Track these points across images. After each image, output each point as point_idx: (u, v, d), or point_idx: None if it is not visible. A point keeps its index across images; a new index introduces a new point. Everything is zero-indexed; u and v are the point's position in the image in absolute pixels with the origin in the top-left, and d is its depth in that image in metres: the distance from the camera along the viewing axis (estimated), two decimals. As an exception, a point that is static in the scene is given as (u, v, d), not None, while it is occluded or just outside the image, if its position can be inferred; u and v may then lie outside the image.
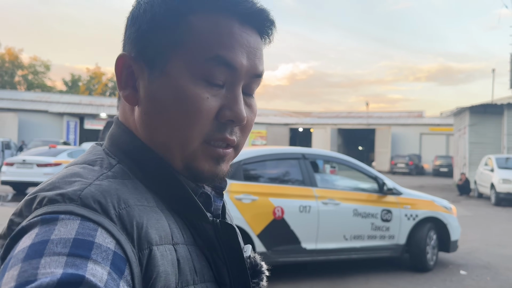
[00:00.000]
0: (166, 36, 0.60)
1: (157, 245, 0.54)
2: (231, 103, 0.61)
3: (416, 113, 41.91)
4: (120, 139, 0.65)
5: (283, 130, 38.94)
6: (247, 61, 0.62)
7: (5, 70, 51.50)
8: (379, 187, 5.85)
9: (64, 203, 0.51)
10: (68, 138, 30.42)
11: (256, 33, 0.64)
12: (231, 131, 0.62)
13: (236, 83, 0.62)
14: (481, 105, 19.61)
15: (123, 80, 0.64)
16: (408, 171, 31.31)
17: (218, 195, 0.71)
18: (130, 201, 0.55)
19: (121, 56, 0.64)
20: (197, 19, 0.60)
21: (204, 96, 0.59)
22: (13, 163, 12.46)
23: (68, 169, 0.59)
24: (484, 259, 6.73)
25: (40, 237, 0.46)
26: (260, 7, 0.63)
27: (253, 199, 5.09)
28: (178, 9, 0.60)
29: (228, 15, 0.61)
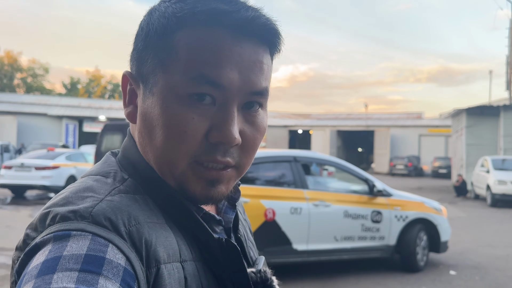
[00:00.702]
0: (155, 55, 0.60)
1: (165, 263, 0.54)
2: (220, 123, 0.58)
3: (415, 114, 41.97)
4: (130, 153, 0.65)
5: (283, 132, 39.02)
6: (239, 77, 0.58)
7: (4, 73, 51.60)
8: (369, 188, 5.94)
9: (76, 220, 0.52)
10: (67, 141, 30.50)
11: (256, 44, 0.60)
12: (225, 152, 0.59)
13: (228, 102, 0.58)
14: (478, 106, 19.69)
15: (127, 97, 0.65)
16: (407, 172, 31.36)
17: (231, 206, 0.70)
18: (140, 218, 0.55)
19: (124, 74, 0.65)
20: (182, 35, 0.58)
21: (189, 117, 0.57)
22: (12, 166, 12.55)
23: (82, 182, 0.60)
24: (474, 260, 6.81)
25: (53, 254, 0.48)
26: (253, 16, 0.59)
27: (245, 201, 5.18)
28: (166, 27, 0.59)
29: (217, 27, 0.58)
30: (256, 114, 0.62)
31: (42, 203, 12.11)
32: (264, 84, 0.61)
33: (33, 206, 11.49)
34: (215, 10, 0.58)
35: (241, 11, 0.58)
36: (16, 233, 7.61)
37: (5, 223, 8.74)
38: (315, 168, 9.40)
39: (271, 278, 0.70)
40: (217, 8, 0.58)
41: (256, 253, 0.78)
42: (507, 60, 22.40)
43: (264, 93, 0.61)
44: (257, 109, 0.62)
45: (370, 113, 42.90)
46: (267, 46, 0.62)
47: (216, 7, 0.58)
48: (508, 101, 21.82)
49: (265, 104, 0.63)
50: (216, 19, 0.58)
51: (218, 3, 0.59)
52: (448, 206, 13.36)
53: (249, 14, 0.58)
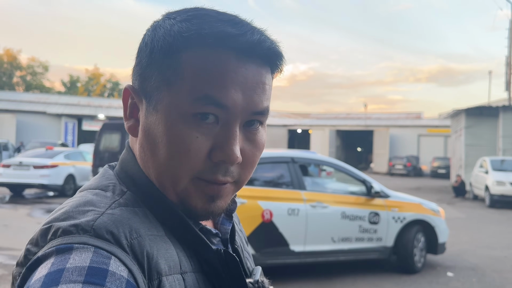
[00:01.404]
0: (160, 72, 0.60)
1: (166, 276, 0.55)
2: (223, 142, 0.59)
3: (414, 114, 42.01)
4: (128, 166, 0.65)
5: (282, 132, 39.03)
6: (242, 98, 0.59)
7: (3, 71, 51.58)
8: (367, 190, 5.94)
9: (78, 234, 0.52)
10: (66, 139, 30.48)
11: (259, 65, 0.61)
12: (226, 171, 0.60)
13: (231, 122, 0.59)
14: (477, 107, 19.70)
15: (128, 111, 0.65)
16: (406, 172, 31.38)
17: (228, 217, 0.71)
18: (141, 231, 0.56)
19: (126, 88, 0.65)
20: (189, 56, 0.59)
21: (193, 135, 0.58)
22: (10, 165, 12.54)
23: (81, 196, 0.60)
24: (472, 261, 6.81)
25: (56, 266, 0.48)
26: (259, 40, 0.60)
27: (242, 202, 5.17)
28: (172, 46, 0.59)
29: (224, 50, 0.59)
30: (256, 132, 0.63)
31: (40, 201, 12.11)
32: (266, 104, 0.62)
33: (31, 204, 11.47)
34: (222, 33, 0.58)
35: (247, 34, 0.59)
36: (13, 232, 7.61)
37: (2, 222, 8.73)
38: (314, 169, 9.40)
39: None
40: (224, 31, 0.59)
41: (253, 263, 0.79)
42: (507, 61, 22.41)
43: (265, 113, 0.63)
44: (257, 127, 0.63)
45: (369, 112, 42.94)
46: (270, 67, 0.63)
47: (223, 30, 0.59)
48: (507, 102, 21.83)
49: (265, 122, 0.65)
50: (223, 42, 0.58)
51: (225, 25, 0.59)
52: (446, 206, 13.36)
53: (255, 38, 0.60)
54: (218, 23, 0.59)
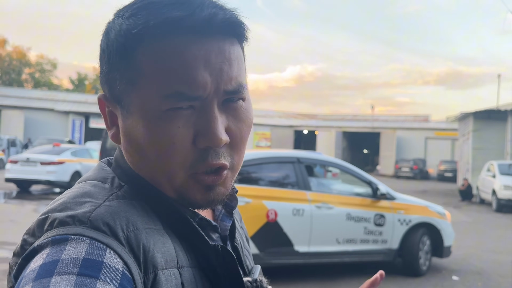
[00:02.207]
0: (121, 75, 0.59)
1: (162, 270, 0.54)
2: (204, 128, 0.57)
3: (422, 117, 41.78)
4: (122, 163, 0.65)
5: (288, 132, 39.00)
6: (211, 81, 0.56)
7: (13, 68, 52.02)
8: (372, 191, 5.91)
9: (74, 225, 0.52)
10: (73, 136, 30.68)
11: (220, 40, 0.58)
12: (216, 154, 0.58)
13: (207, 106, 0.57)
14: (485, 110, 19.56)
15: (108, 120, 0.64)
16: (413, 175, 31.22)
17: (228, 214, 0.70)
18: (138, 224, 0.55)
19: (99, 98, 0.64)
20: (144, 52, 0.57)
21: (174, 127, 0.57)
22: (17, 161, 12.63)
23: (79, 187, 0.60)
24: (477, 265, 6.76)
25: (51, 257, 0.48)
26: (209, 14, 0.56)
27: (247, 202, 5.17)
28: (125, 46, 0.57)
29: (176, 36, 0.56)
30: (237, 107, 0.60)
31: (46, 198, 12.19)
32: (239, 79, 0.59)
33: (38, 200, 11.55)
34: (168, 19, 0.55)
35: (196, 12, 0.56)
36: (20, 228, 7.66)
37: (9, 217, 8.80)
38: (319, 170, 9.38)
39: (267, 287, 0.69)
40: (170, 17, 0.55)
41: (252, 262, 0.77)
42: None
43: (240, 90, 0.59)
44: (237, 102, 0.60)
45: (376, 114, 42.77)
46: (233, 38, 0.59)
47: (169, 16, 0.55)
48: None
49: (246, 96, 0.61)
50: (172, 28, 0.55)
51: (170, 10, 0.56)
52: (452, 210, 13.28)
53: (205, 14, 0.56)
54: (163, 10, 0.56)
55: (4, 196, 12.23)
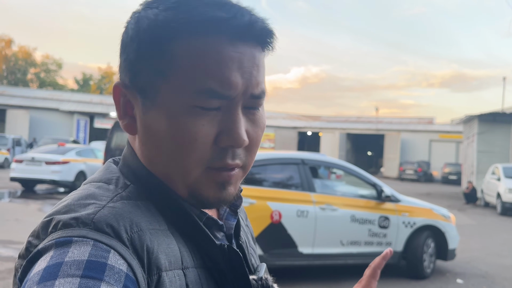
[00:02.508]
0: (153, 66, 0.58)
1: (166, 271, 0.54)
2: (229, 127, 0.58)
3: (426, 119, 41.67)
4: (130, 162, 0.64)
5: (292, 134, 38.98)
6: (242, 83, 0.58)
7: (18, 68, 52.33)
8: (377, 194, 5.90)
9: (78, 227, 0.52)
10: (78, 136, 30.80)
11: (253, 46, 0.60)
12: (234, 155, 0.60)
13: (233, 107, 0.59)
14: (490, 113, 19.48)
15: (121, 109, 0.63)
16: (417, 178, 31.12)
17: (232, 213, 0.70)
18: (143, 225, 0.55)
19: (116, 86, 0.62)
20: (181, 46, 0.57)
21: (199, 124, 0.57)
22: (22, 160, 12.68)
23: (84, 189, 0.60)
24: (482, 269, 6.73)
25: (55, 260, 0.48)
26: (250, 21, 0.58)
27: (251, 203, 5.18)
28: (161, 37, 0.57)
29: (216, 36, 0.57)
30: (256, 112, 0.63)
31: (51, 197, 12.23)
32: (262, 85, 0.62)
33: (43, 200, 11.60)
34: (213, 18, 0.57)
35: (237, 16, 0.57)
36: (24, 227, 7.69)
37: (14, 216, 8.84)
38: (324, 171, 9.36)
39: (273, 286, 0.69)
40: (214, 16, 0.57)
41: (258, 260, 0.77)
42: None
43: (263, 96, 0.62)
44: (257, 108, 0.63)
45: (381, 116, 42.69)
46: (262, 47, 0.62)
47: (213, 15, 0.57)
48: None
49: (263, 103, 0.64)
50: (215, 28, 0.57)
51: (213, 10, 0.57)
52: (457, 213, 13.23)
53: (246, 20, 0.58)
54: (206, 8, 0.57)
55: (9, 195, 12.28)
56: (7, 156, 21.34)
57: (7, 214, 9.00)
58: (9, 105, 30.77)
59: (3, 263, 5.54)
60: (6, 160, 21.06)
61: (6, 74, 51.56)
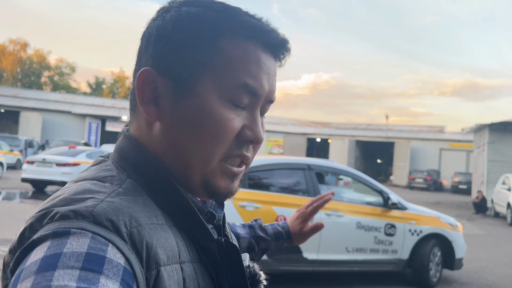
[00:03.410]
0: (196, 57, 0.62)
1: (165, 266, 0.55)
2: (252, 124, 0.65)
3: (437, 128, 41.33)
4: (130, 154, 0.65)
5: (301, 140, 38.92)
6: (268, 88, 0.66)
7: (33, 71, 53.08)
8: (384, 201, 5.89)
9: (76, 219, 0.51)
10: (89, 139, 31.08)
11: (274, 60, 0.68)
12: (247, 148, 0.66)
13: (256, 106, 0.66)
14: (501, 122, 19.27)
15: (146, 95, 0.63)
16: (426, 186, 30.83)
17: (219, 205, 0.73)
18: (141, 220, 0.56)
19: (145, 71, 0.63)
20: (227, 44, 0.63)
21: (231, 117, 0.63)
22: (34, 161, 12.84)
23: (79, 185, 0.59)
24: (489, 279, 6.66)
25: (53, 250, 0.47)
26: (283, 38, 0.67)
27: (257, 207, 5.20)
28: (209, 32, 0.63)
29: (255, 42, 0.64)
30: (263, 118, 0.70)
31: (61, 199, 12.35)
32: (275, 94, 0.70)
33: (52, 201, 11.72)
34: (258, 27, 0.65)
35: (274, 31, 0.66)
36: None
37: (24, 216, 8.95)
38: (331, 178, 9.34)
39: (259, 273, 0.73)
40: (259, 25, 0.65)
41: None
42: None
43: (273, 102, 0.70)
44: (264, 113, 0.70)
45: (391, 124, 42.45)
46: (280, 61, 0.70)
47: (258, 24, 0.65)
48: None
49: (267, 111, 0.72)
50: (258, 35, 0.64)
51: (256, 20, 0.66)
52: (466, 222, 13.09)
53: (281, 39, 0.67)
54: (249, 18, 0.65)
55: (20, 196, 12.45)
56: (19, 157, 21.62)
57: (17, 214, 9.12)
58: (23, 107, 31.20)
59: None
60: (18, 161, 21.33)
61: (21, 76, 52.33)
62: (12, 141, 22.70)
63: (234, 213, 5.06)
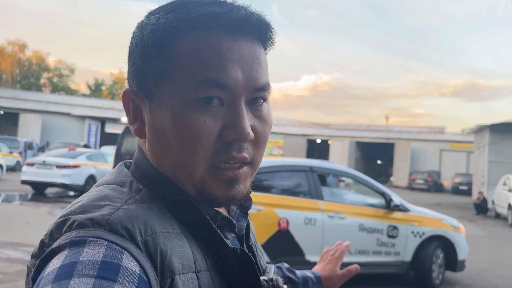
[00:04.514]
0: (156, 67, 0.60)
1: (179, 274, 0.55)
2: (233, 121, 0.59)
3: (437, 129, 41.35)
4: (142, 165, 0.65)
5: (301, 141, 38.92)
6: (242, 76, 0.59)
7: (32, 73, 53.08)
8: (386, 203, 5.86)
9: (93, 228, 0.52)
10: (89, 140, 31.06)
11: (251, 40, 0.61)
12: (239, 148, 0.60)
13: (235, 100, 0.60)
14: (502, 123, 19.26)
15: (131, 115, 0.65)
16: (427, 187, 30.83)
17: (243, 214, 0.71)
18: (156, 228, 0.56)
19: (125, 92, 0.64)
20: (181, 43, 0.59)
21: (201, 120, 0.58)
22: (34, 164, 12.82)
23: (98, 191, 0.60)
24: (492, 281, 6.63)
25: (69, 259, 0.48)
26: (245, 13, 0.60)
27: (259, 209, 5.18)
28: (162, 38, 0.60)
29: (214, 30, 0.59)
30: (261, 108, 0.64)
31: (61, 200, 12.33)
32: (265, 79, 0.62)
33: (53, 203, 11.70)
34: (209, 13, 0.59)
35: (234, 11, 0.60)
36: (34, 229, 7.77)
37: (24, 219, 8.92)
38: (332, 179, 9.32)
39: (283, 287, 0.70)
40: (211, 11, 0.59)
41: (265, 261, 0.79)
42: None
43: (266, 88, 0.63)
44: (261, 103, 0.64)
45: (391, 125, 42.45)
46: (261, 41, 0.63)
47: (210, 10, 0.59)
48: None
49: (268, 97, 0.65)
50: (212, 22, 0.59)
51: (210, 6, 0.60)
52: (467, 224, 13.07)
53: (242, 13, 0.60)
54: (202, 6, 0.60)
55: (19, 198, 12.41)
56: (19, 159, 21.58)
57: (17, 217, 9.09)
58: (22, 109, 31.18)
59: (12, 265, 5.59)
60: (18, 163, 21.29)
61: (20, 78, 52.32)
62: (11, 143, 22.68)
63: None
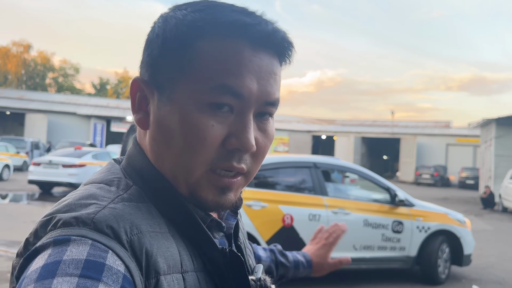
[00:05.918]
0: (174, 62, 0.60)
1: (165, 275, 0.54)
2: (239, 131, 0.59)
3: (443, 123, 41.09)
4: (135, 161, 0.65)
5: (306, 137, 38.86)
6: (257, 88, 0.60)
7: (37, 73, 53.37)
8: (391, 198, 5.84)
9: (78, 226, 0.51)
10: (95, 140, 31.21)
11: (272, 56, 0.62)
12: (240, 158, 0.60)
13: (245, 110, 0.60)
14: (508, 117, 19.10)
15: (136, 103, 0.64)
16: (433, 182, 30.70)
17: (233, 213, 0.71)
18: (143, 227, 0.55)
19: (134, 80, 0.64)
20: (204, 45, 0.59)
21: (209, 124, 0.58)
22: (40, 163, 12.91)
23: (85, 189, 0.60)
24: (499, 275, 6.60)
25: (53, 258, 0.47)
26: (273, 29, 0.61)
27: (263, 206, 5.18)
28: (186, 35, 0.59)
29: (239, 39, 0.59)
30: (267, 122, 0.64)
31: (67, 200, 12.41)
32: (277, 95, 0.63)
33: (59, 202, 11.78)
34: (238, 22, 0.59)
35: (262, 24, 0.60)
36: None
37: (31, 218, 8.99)
38: (337, 175, 9.30)
39: (271, 287, 0.70)
40: (240, 20, 0.59)
41: (254, 260, 0.79)
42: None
43: (276, 104, 0.63)
44: (268, 118, 0.64)
45: (397, 120, 42.26)
46: (279, 58, 0.64)
47: (239, 19, 0.59)
48: (541, 112, 21.09)
49: (274, 113, 0.65)
50: (239, 31, 0.59)
51: (239, 15, 0.60)
52: (474, 218, 13.01)
53: (269, 28, 0.60)
54: (232, 13, 0.60)
55: (27, 198, 12.51)
56: (26, 159, 21.73)
57: (24, 216, 9.16)
58: (28, 109, 31.37)
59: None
60: (24, 163, 21.44)
61: (25, 78, 52.63)
62: (18, 143, 22.84)
63: (240, 213, 5.04)
